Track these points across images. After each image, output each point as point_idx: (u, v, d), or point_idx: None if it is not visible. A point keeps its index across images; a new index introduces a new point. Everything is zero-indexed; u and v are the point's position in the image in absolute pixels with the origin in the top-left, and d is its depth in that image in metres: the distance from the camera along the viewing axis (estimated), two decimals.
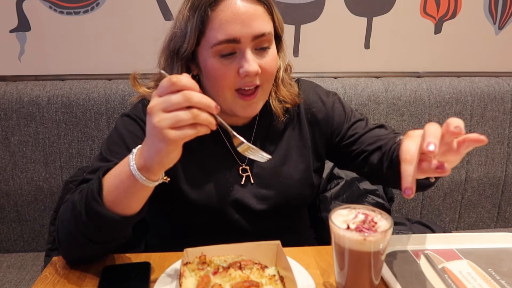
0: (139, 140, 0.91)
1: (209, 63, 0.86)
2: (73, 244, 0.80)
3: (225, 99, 0.88)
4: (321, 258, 0.84)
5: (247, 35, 0.83)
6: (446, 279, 0.77)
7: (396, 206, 1.60)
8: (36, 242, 1.49)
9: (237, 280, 0.71)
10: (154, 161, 0.69)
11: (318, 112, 1.03)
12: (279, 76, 0.97)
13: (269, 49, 0.88)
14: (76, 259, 0.82)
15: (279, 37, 0.95)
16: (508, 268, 0.81)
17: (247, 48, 0.84)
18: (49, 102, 1.41)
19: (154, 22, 1.52)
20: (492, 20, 1.67)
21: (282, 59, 0.98)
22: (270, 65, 0.88)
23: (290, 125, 1.02)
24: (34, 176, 1.44)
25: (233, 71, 0.85)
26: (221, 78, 0.85)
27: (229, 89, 0.87)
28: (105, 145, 0.93)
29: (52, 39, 1.51)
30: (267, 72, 0.88)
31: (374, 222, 0.66)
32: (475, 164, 1.61)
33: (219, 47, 0.83)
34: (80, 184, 0.86)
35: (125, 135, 0.92)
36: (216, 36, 0.83)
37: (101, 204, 0.73)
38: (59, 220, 0.83)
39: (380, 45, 1.64)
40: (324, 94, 1.06)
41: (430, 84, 1.56)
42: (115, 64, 1.54)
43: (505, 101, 1.58)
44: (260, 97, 0.90)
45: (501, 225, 1.68)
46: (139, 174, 0.71)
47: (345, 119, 1.03)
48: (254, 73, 0.84)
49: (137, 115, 0.95)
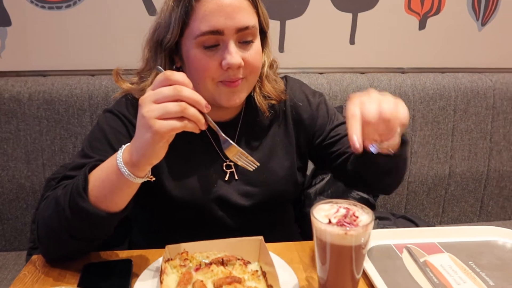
0: (121, 136, 0.90)
1: (192, 54, 0.85)
2: (54, 241, 0.79)
3: (208, 89, 0.87)
4: (304, 253, 0.84)
5: (231, 27, 0.83)
6: (428, 272, 0.78)
7: (381, 201, 1.61)
8: (18, 241, 1.46)
9: (219, 276, 0.71)
10: (140, 154, 0.69)
11: (304, 111, 1.03)
12: (263, 72, 0.96)
13: (253, 43, 0.87)
14: (56, 257, 0.81)
15: (264, 33, 0.94)
16: (488, 261, 0.82)
17: (230, 41, 0.83)
18: (31, 98, 1.38)
19: (138, 17, 1.50)
20: (475, 16, 1.69)
21: (267, 55, 0.97)
22: (254, 58, 0.87)
23: (275, 122, 1.02)
24: (16, 174, 1.41)
25: (216, 63, 0.84)
26: (204, 69, 0.85)
27: (211, 80, 0.86)
28: (87, 141, 0.91)
29: (33, 34, 1.48)
30: (251, 65, 0.87)
31: (356, 216, 0.66)
32: (458, 159, 1.63)
33: (202, 38, 0.83)
34: (61, 181, 0.84)
35: (107, 131, 0.91)
36: (200, 27, 0.83)
37: (86, 200, 0.73)
38: (39, 217, 0.82)
39: (365, 41, 1.65)
40: (311, 93, 1.06)
41: (415, 80, 1.58)
42: (98, 60, 1.52)
43: (487, 97, 1.60)
44: (244, 87, 0.90)
45: (483, 219, 1.71)
46: (125, 169, 0.71)
47: (328, 120, 1.04)
48: (237, 65, 0.84)
49: (120, 111, 0.93)
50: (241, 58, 0.84)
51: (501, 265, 0.81)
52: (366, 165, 0.89)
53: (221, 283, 0.68)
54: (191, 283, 0.70)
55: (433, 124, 1.59)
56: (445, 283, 0.75)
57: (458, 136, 1.61)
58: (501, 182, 1.67)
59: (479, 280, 0.76)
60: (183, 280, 0.69)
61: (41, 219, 0.81)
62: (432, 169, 1.61)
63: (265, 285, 0.71)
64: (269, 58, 0.99)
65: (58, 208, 0.75)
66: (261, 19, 0.90)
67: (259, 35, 0.90)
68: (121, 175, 0.71)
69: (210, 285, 0.69)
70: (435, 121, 1.59)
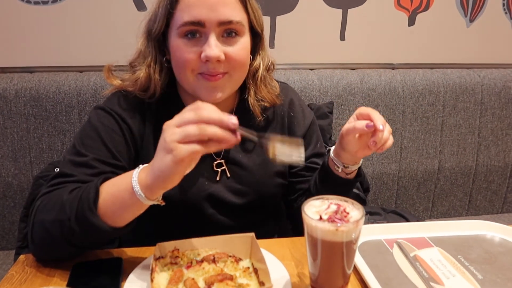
0: (114, 134, 0.89)
1: (175, 44, 0.86)
2: (49, 244, 0.77)
3: (189, 82, 0.87)
4: (295, 249, 0.84)
5: (213, 20, 0.83)
6: (418, 266, 0.78)
7: (372, 196, 1.62)
8: (6, 240, 1.44)
9: (210, 273, 0.71)
10: (156, 176, 0.67)
11: (298, 124, 1.04)
12: (258, 75, 0.95)
13: (238, 38, 0.87)
14: (47, 258, 0.80)
15: (257, 34, 0.93)
16: (477, 255, 0.83)
17: (211, 33, 0.83)
18: (17, 95, 1.36)
19: (126, 12, 1.48)
20: (464, 12, 1.70)
21: (262, 58, 0.96)
22: (237, 54, 0.86)
23: (272, 125, 1.02)
24: (3, 172, 1.39)
25: (196, 54, 0.84)
26: (183, 59, 0.85)
27: (191, 71, 0.86)
28: (78, 138, 0.90)
29: (19, 29, 1.45)
30: (233, 60, 0.86)
31: (346, 212, 0.66)
32: (447, 154, 1.64)
33: (183, 29, 0.84)
34: (56, 178, 0.83)
35: (100, 128, 0.89)
36: (182, 17, 0.83)
37: (95, 214, 0.71)
38: (36, 217, 0.78)
39: (355, 37, 1.65)
40: (307, 110, 1.08)
41: (404, 76, 1.59)
42: (86, 56, 1.50)
43: (476, 92, 1.62)
44: (226, 83, 0.88)
45: (472, 213, 1.73)
46: (139, 190, 0.69)
47: (312, 145, 1.06)
48: (215, 58, 0.83)
49: (111, 108, 0.92)
50: (221, 52, 0.84)
51: (489, 259, 0.82)
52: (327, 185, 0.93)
53: (212, 281, 0.68)
54: (182, 281, 0.69)
55: (422, 120, 1.60)
56: (434, 277, 0.75)
57: (447, 131, 1.63)
58: (489, 176, 1.70)
59: (468, 274, 0.77)
60: (174, 278, 0.69)
61: (39, 221, 0.78)
62: (422, 164, 1.63)
63: (256, 282, 0.70)
64: (265, 60, 0.97)
65: (63, 216, 0.73)
66: (251, 17, 0.89)
67: (248, 34, 0.90)
68: (134, 194, 0.69)
69: (201, 282, 0.69)
70: (425, 116, 1.60)
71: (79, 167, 0.84)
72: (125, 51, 0.97)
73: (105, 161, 0.86)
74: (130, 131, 0.91)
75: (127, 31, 1.47)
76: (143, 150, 0.93)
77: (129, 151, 0.91)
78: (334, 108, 1.51)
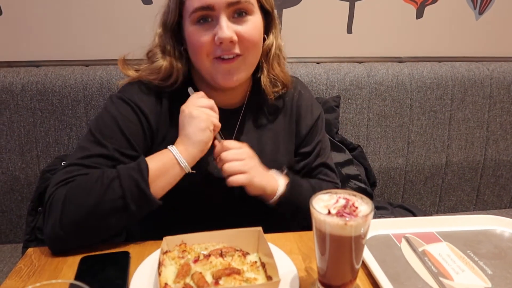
0: (131, 124, 0.91)
1: (188, 31, 0.89)
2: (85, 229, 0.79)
3: (205, 66, 0.90)
4: (302, 243, 0.84)
5: (221, 2, 0.84)
6: (426, 261, 0.78)
7: (378, 191, 1.61)
8: (13, 234, 1.45)
9: (218, 267, 0.70)
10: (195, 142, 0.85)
11: (305, 117, 1.05)
12: (271, 54, 0.97)
13: (248, 17, 0.88)
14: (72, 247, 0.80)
15: (268, 12, 0.94)
16: (487, 250, 0.82)
17: (222, 15, 0.85)
18: (24, 89, 1.36)
19: (132, 5, 1.47)
20: (473, 5, 1.67)
21: (274, 36, 0.97)
22: (249, 33, 0.88)
23: (282, 112, 1.03)
24: (10, 166, 1.39)
25: (209, 38, 0.87)
26: (198, 45, 0.88)
27: (206, 56, 0.89)
28: (96, 127, 0.90)
29: (25, 23, 1.45)
30: (246, 40, 0.88)
31: (355, 206, 0.66)
32: (455, 148, 1.63)
33: (195, 15, 0.86)
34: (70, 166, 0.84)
35: (119, 118, 0.90)
36: (192, 4, 0.86)
37: (149, 189, 0.80)
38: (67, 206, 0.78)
39: (362, 30, 1.63)
40: (315, 104, 1.09)
41: (412, 69, 1.57)
42: (92, 50, 1.49)
43: (484, 86, 1.59)
44: (241, 66, 0.90)
45: (480, 208, 1.72)
46: (184, 161, 0.84)
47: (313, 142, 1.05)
48: (228, 39, 0.85)
49: (130, 98, 0.93)
50: (233, 32, 0.86)
51: (499, 254, 0.81)
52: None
53: (220, 275, 0.68)
54: (189, 275, 0.69)
55: (430, 114, 1.58)
56: (443, 272, 0.75)
57: (455, 125, 1.61)
58: (497, 171, 1.68)
59: (478, 269, 0.76)
60: (182, 272, 0.69)
61: (74, 208, 0.78)
62: (429, 158, 1.61)
63: (264, 276, 0.70)
64: (277, 39, 0.98)
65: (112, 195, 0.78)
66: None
67: (259, 13, 0.91)
68: (178, 165, 0.84)
69: (209, 276, 0.69)
70: (432, 110, 1.58)
71: (99, 157, 0.86)
72: (132, 45, 0.97)
73: (123, 152, 0.88)
74: (147, 121, 0.93)
75: (133, 25, 1.47)
76: (157, 139, 0.95)
77: (145, 141, 0.93)
78: (341, 102, 1.50)
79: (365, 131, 1.56)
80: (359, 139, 1.56)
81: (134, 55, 1.00)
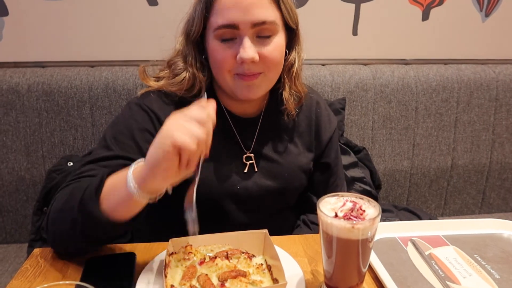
0: (146, 133, 0.89)
1: (211, 46, 0.88)
2: (60, 235, 0.78)
3: (226, 81, 0.89)
4: (308, 246, 0.83)
5: (246, 22, 0.83)
6: (433, 265, 0.77)
7: (383, 193, 1.60)
8: (19, 234, 1.45)
9: (224, 269, 0.70)
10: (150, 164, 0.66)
11: (324, 128, 1.05)
12: (294, 70, 0.95)
13: (272, 38, 0.87)
14: (61, 251, 0.80)
15: (292, 29, 0.93)
16: (493, 254, 0.81)
17: (246, 35, 0.84)
18: (30, 90, 1.37)
19: (138, 7, 1.47)
20: (479, 7, 1.67)
21: (297, 52, 0.96)
22: (272, 54, 0.87)
23: (298, 129, 1.03)
24: (15, 166, 1.40)
25: (232, 55, 0.86)
26: (220, 61, 0.87)
27: (227, 72, 0.88)
28: (110, 132, 0.90)
29: (31, 24, 1.46)
30: (268, 61, 0.87)
31: (362, 210, 0.66)
32: (461, 151, 1.62)
33: (219, 32, 0.86)
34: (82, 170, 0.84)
35: (133, 125, 0.90)
36: (217, 21, 0.85)
37: (96, 205, 0.70)
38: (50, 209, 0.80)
39: (368, 32, 1.63)
40: (332, 116, 1.09)
41: (418, 72, 1.56)
42: (97, 51, 1.50)
43: (490, 89, 1.59)
44: (262, 82, 0.90)
45: (485, 211, 1.71)
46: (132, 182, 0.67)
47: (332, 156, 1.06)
48: (249, 60, 0.84)
49: (149, 106, 0.92)
50: (256, 52, 0.85)
51: (506, 258, 0.80)
52: None
53: (226, 277, 0.68)
54: (195, 277, 0.69)
55: (436, 116, 1.58)
56: (450, 276, 0.74)
57: (461, 128, 1.60)
58: (503, 174, 1.67)
59: (485, 273, 0.76)
60: (188, 274, 0.69)
61: (51, 212, 0.79)
62: (435, 161, 1.61)
63: (270, 278, 0.70)
64: (300, 55, 0.97)
65: (68, 205, 0.74)
66: (285, 14, 0.89)
67: (283, 31, 0.90)
68: (127, 186, 0.67)
69: (214, 279, 0.69)
70: (438, 113, 1.58)
71: (104, 161, 0.84)
72: (137, 46, 0.97)
73: (132, 158, 0.83)
74: None
75: (138, 26, 1.48)
76: None
77: None
78: (346, 104, 1.50)
79: (370, 134, 1.55)
80: (364, 141, 1.55)
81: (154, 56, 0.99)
